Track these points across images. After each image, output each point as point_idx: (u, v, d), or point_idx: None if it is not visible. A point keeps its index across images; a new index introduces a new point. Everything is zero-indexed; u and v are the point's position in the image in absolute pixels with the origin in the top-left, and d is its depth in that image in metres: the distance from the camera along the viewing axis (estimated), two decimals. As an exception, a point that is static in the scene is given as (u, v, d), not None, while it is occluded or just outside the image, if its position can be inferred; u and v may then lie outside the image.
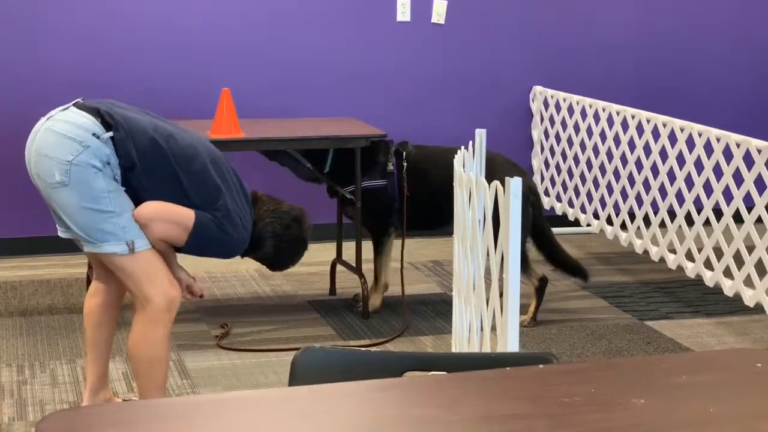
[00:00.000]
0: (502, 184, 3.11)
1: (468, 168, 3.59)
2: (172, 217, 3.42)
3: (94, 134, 3.34)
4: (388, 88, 6.16)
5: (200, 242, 3.45)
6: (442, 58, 6.23)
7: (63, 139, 3.33)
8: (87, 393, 3.69)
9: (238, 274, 5.46)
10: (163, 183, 3.41)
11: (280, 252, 3.70)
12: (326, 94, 6.09)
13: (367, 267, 4.96)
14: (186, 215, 3.42)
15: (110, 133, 3.36)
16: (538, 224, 4.76)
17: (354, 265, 4.93)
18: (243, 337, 4.57)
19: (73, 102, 3.46)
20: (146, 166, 3.39)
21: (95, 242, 3.37)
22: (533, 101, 6.34)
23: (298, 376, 1.94)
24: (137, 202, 3.41)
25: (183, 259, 3.61)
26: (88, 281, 4.80)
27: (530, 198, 4.65)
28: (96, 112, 3.39)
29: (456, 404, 1.68)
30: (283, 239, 3.67)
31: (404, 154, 4.81)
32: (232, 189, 3.52)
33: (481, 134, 3.75)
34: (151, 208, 3.40)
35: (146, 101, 5.79)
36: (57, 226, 3.54)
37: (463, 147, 3.74)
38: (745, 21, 6.63)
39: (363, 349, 2.18)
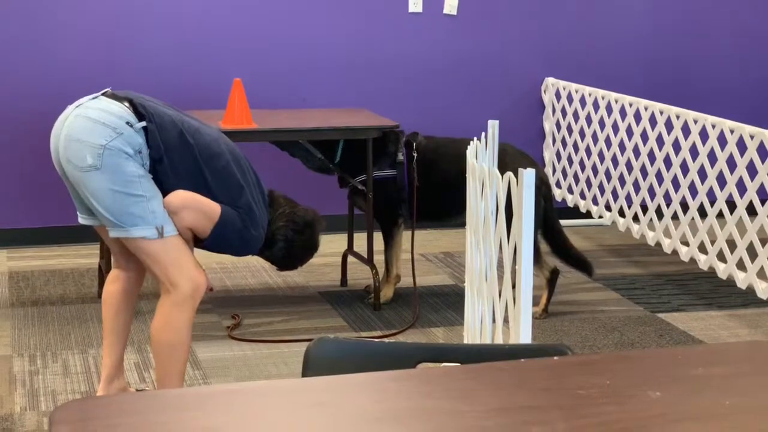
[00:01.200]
0: (514, 174, 3.09)
1: (480, 159, 3.57)
2: (201, 207, 3.44)
3: (127, 122, 3.37)
4: (400, 79, 6.15)
5: (223, 236, 3.47)
6: (454, 49, 6.21)
7: (96, 125, 3.35)
8: (102, 382, 3.70)
9: (250, 266, 5.46)
10: (188, 177, 3.44)
11: (290, 256, 3.72)
12: (338, 85, 6.08)
13: (379, 258, 4.95)
14: (214, 207, 3.45)
15: (143, 123, 3.38)
16: (549, 216, 4.75)
17: (365, 256, 4.92)
18: (254, 328, 4.57)
19: (102, 92, 3.47)
20: (173, 160, 3.41)
21: (124, 226, 3.38)
22: (545, 93, 6.32)
23: (311, 367, 1.93)
24: (162, 194, 3.42)
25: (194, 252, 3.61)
26: (100, 271, 4.81)
27: (542, 190, 4.63)
28: (129, 102, 3.42)
29: (470, 396, 1.67)
30: (295, 244, 3.69)
31: (414, 144, 4.80)
32: (252, 187, 3.54)
33: (493, 125, 3.73)
34: (182, 196, 3.42)
35: (158, 92, 5.78)
36: (78, 213, 3.55)
37: (475, 138, 3.73)
38: (758, 12, 6.60)
39: (376, 340, 2.17)
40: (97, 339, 4.35)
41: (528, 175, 2.97)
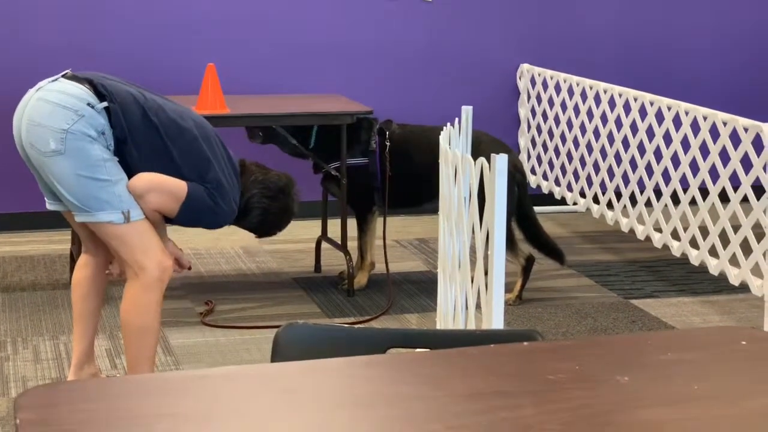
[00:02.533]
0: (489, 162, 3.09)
1: (454, 145, 3.57)
2: (166, 188, 3.41)
3: (88, 104, 3.33)
4: (375, 65, 6.13)
5: (191, 213, 3.46)
6: (430, 35, 6.20)
7: (57, 108, 3.31)
8: (73, 367, 3.67)
9: (223, 251, 5.44)
10: (154, 155, 3.41)
11: (266, 222, 3.71)
12: (313, 71, 6.05)
13: (353, 244, 4.95)
14: (179, 186, 3.42)
15: (104, 104, 3.35)
16: (523, 204, 4.75)
17: (339, 242, 4.91)
18: (227, 314, 4.55)
19: (62, 73, 3.43)
20: (137, 138, 3.38)
21: (90, 211, 3.35)
22: (520, 79, 6.32)
23: (280, 353, 1.93)
24: (129, 174, 3.39)
25: (169, 234, 3.59)
26: (72, 258, 4.78)
27: (516, 177, 4.63)
28: (89, 83, 3.38)
29: (440, 381, 1.67)
30: (269, 211, 3.68)
31: (387, 133, 4.79)
32: (221, 161, 3.52)
33: (467, 111, 3.73)
34: (146, 179, 3.39)
35: (131, 76, 5.74)
36: (45, 198, 3.52)
37: (448, 124, 3.72)
38: (730, 1, 6.62)
39: (346, 325, 2.16)
40: (68, 325, 4.32)
41: (500, 160, 2.97)
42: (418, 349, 1.96)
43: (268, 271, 5.18)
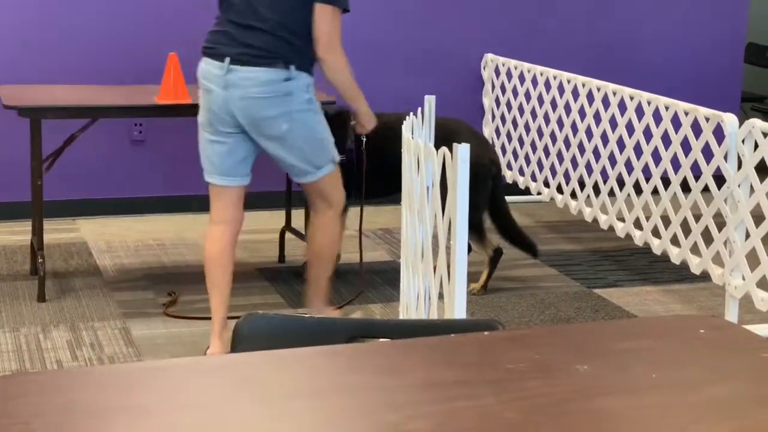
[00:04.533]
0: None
1: (416, 135, 3.56)
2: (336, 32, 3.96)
3: (285, 79, 3.68)
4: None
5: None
6: (394, 25, 6.19)
7: (269, 100, 3.66)
8: (214, 336, 3.89)
9: (187, 242, 5.41)
10: None
11: None
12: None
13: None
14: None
15: (293, 70, 3.68)
16: (496, 197, 4.75)
17: (303, 232, 4.89)
18: (191, 305, 4.53)
19: (228, 60, 3.69)
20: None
21: (315, 171, 3.82)
22: (485, 69, 6.33)
23: (241, 343, 1.91)
24: None
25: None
26: (32, 249, 4.73)
27: (492, 170, 4.64)
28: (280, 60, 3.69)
29: (400, 371, 1.67)
30: None
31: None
32: None
33: (430, 101, 3.72)
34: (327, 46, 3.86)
35: (92, 64, 5.71)
36: (219, 176, 3.84)
37: (411, 113, 3.72)
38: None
39: (306, 315, 2.15)
40: (29, 317, 4.29)
41: (462, 150, 2.97)
42: (379, 339, 1.96)
43: (232, 261, 5.15)
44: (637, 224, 4.99)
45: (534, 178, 5.88)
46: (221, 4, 3.85)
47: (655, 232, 4.86)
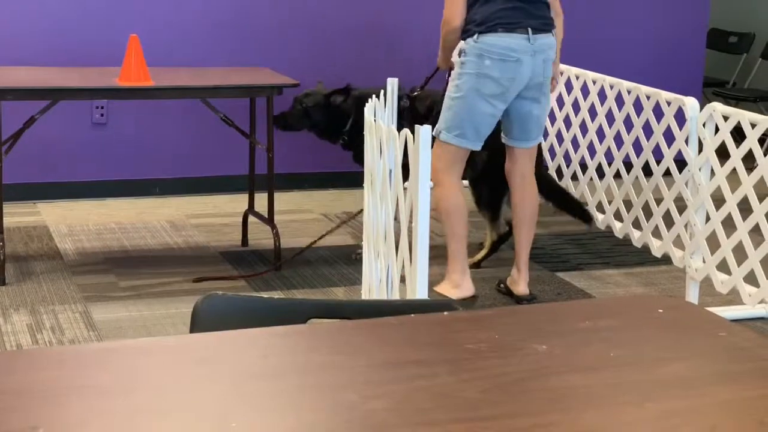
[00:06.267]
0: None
1: (379, 117, 3.56)
2: None
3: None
4: (303, 38, 6.08)
5: None
6: (360, 8, 6.16)
7: (551, 61, 4.21)
8: (466, 277, 4.29)
9: (149, 225, 5.38)
10: None
11: None
12: (238, 44, 5.99)
13: (279, 218, 4.92)
14: None
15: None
16: (542, 175, 4.77)
17: (266, 216, 4.88)
18: (153, 288, 4.50)
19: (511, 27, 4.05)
20: None
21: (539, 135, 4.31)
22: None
23: (199, 324, 1.90)
24: None
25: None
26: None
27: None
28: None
29: (359, 351, 1.66)
30: None
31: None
32: None
33: (393, 83, 3.71)
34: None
35: (53, 47, 5.65)
36: (476, 142, 4.17)
37: (374, 96, 3.71)
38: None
39: (265, 296, 2.14)
40: (9, 301, 4.25)
41: (424, 131, 2.96)
42: (338, 320, 1.95)
43: (195, 245, 5.13)
44: (600, 208, 5.01)
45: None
46: None
47: (618, 216, 4.88)
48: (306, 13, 6.08)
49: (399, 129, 4.72)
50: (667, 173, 4.47)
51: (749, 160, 4.06)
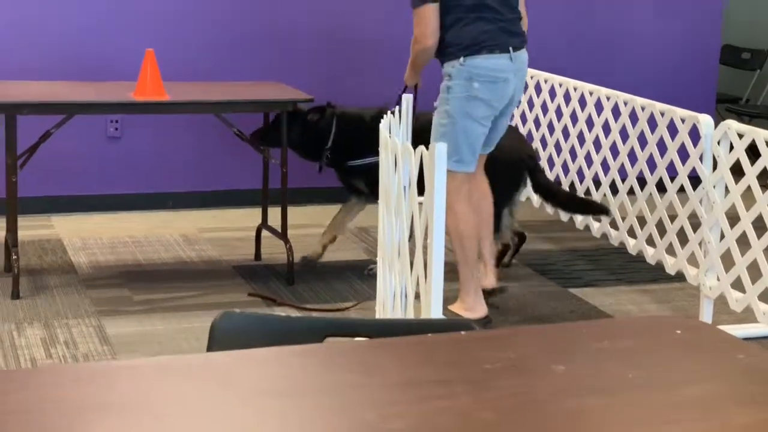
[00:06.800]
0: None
1: (394, 133, 3.56)
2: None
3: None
4: (319, 52, 6.10)
5: None
6: (373, 22, 6.18)
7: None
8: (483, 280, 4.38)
9: (162, 239, 5.39)
10: None
11: None
12: (253, 58, 6.00)
13: (293, 233, 4.92)
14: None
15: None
16: (540, 185, 4.86)
17: (279, 230, 4.89)
18: (166, 302, 4.51)
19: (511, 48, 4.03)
20: None
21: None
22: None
23: (217, 342, 1.90)
24: None
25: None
26: (7, 245, 4.69)
27: (526, 165, 4.76)
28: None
29: (377, 370, 1.66)
30: None
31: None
32: None
33: (407, 99, 3.72)
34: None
35: (69, 61, 5.67)
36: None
37: (389, 111, 3.72)
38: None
39: (283, 314, 2.15)
40: (3, 314, 4.26)
41: (440, 148, 2.97)
42: (355, 338, 1.95)
43: (208, 259, 5.14)
44: (613, 224, 5.00)
45: (510, 178, 5.88)
46: (474, 7, 4.08)
47: (631, 233, 4.87)
48: (326, 29, 6.09)
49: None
50: (681, 190, 4.46)
51: (764, 178, 4.05)
